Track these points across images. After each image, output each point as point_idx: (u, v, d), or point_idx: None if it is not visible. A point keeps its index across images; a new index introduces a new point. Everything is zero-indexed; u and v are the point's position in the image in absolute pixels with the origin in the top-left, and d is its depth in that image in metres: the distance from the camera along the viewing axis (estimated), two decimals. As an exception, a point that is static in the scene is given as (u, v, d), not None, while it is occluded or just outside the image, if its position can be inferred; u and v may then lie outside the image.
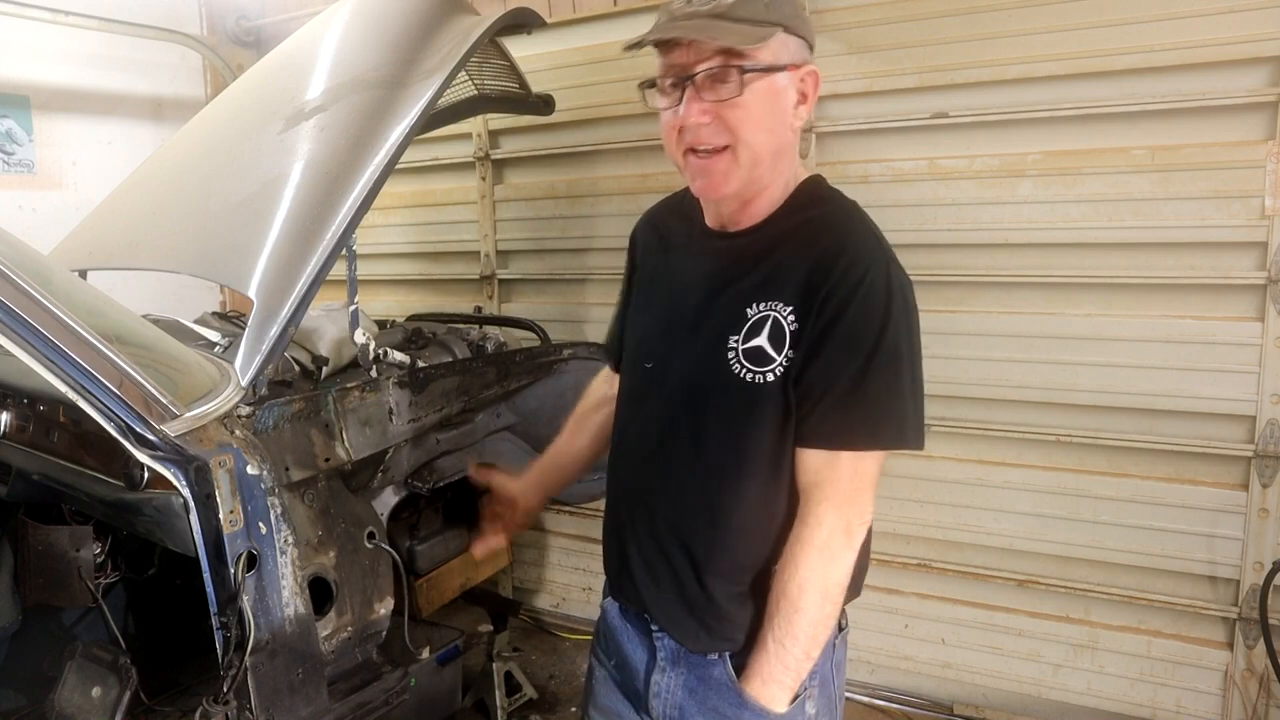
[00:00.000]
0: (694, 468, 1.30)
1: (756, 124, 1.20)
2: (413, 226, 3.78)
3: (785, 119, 1.24)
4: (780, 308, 1.22)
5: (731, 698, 1.31)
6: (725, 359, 1.24)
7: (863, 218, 1.29)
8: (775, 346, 1.22)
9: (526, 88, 3.01)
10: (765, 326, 1.22)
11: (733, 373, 1.24)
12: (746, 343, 1.23)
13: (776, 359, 1.21)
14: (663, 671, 1.38)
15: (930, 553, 2.84)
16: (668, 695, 1.37)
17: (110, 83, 3.70)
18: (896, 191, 2.67)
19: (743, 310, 1.25)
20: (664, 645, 1.38)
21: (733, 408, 1.25)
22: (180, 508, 1.66)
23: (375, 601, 2.04)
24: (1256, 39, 2.23)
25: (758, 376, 1.22)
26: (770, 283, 1.24)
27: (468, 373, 2.40)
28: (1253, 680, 2.46)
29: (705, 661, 1.34)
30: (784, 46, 1.21)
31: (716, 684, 1.33)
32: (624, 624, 1.45)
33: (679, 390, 1.31)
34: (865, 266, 1.19)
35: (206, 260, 2.07)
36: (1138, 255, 2.45)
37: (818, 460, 1.23)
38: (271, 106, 2.27)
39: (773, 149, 1.24)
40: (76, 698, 2.13)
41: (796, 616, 1.23)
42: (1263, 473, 2.37)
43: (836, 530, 1.22)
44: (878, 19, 2.65)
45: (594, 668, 1.54)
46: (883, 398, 1.20)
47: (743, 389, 1.23)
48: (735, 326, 1.25)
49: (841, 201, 1.32)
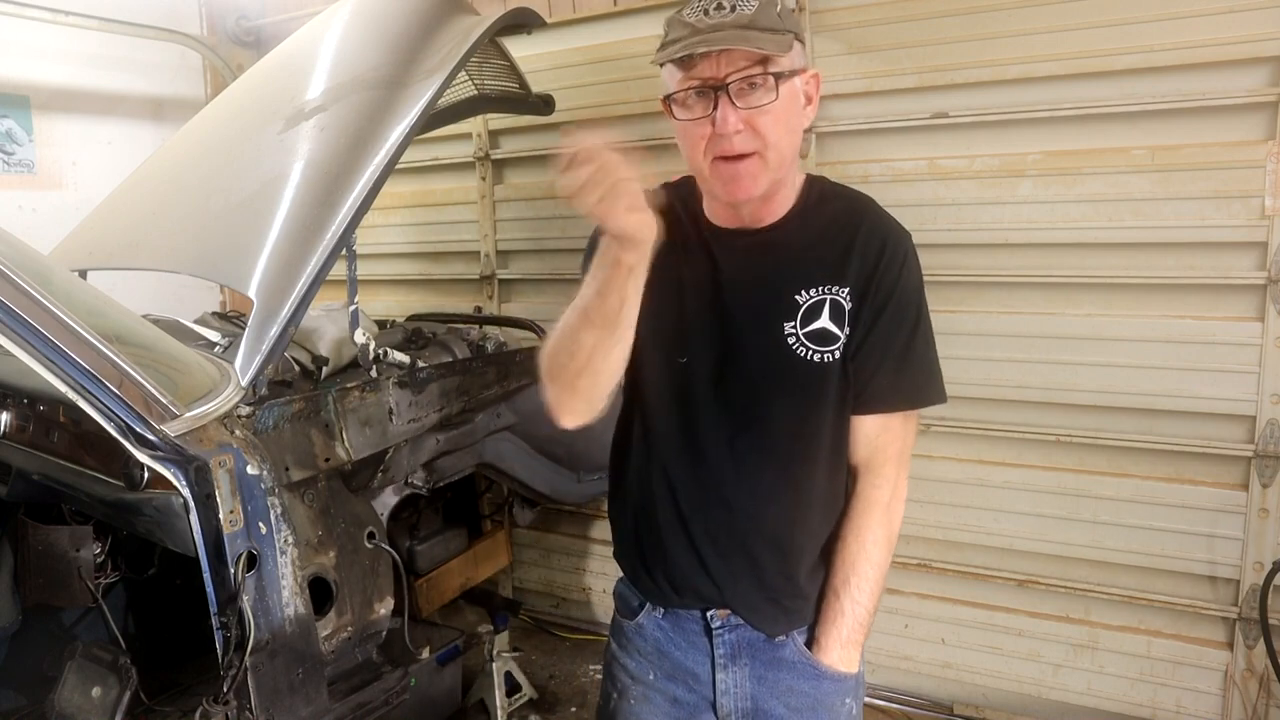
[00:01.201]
0: (769, 454, 1.34)
1: (785, 127, 1.26)
2: (413, 226, 3.78)
3: (802, 121, 1.32)
4: (837, 290, 1.31)
5: (807, 672, 1.37)
6: (787, 345, 1.31)
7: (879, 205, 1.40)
8: (838, 325, 1.31)
9: (526, 88, 3.01)
10: (824, 309, 1.31)
11: (799, 356, 1.31)
12: (806, 326, 1.31)
13: (841, 337, 1.31)
14: (725, 669, 1.39)
15: (930, 553, 2.84)
16: (737, 690, 1.39)
17: (110, 83, 3.70)
18: (896, 191, 2.67)
19: (793, 298, 1.31)
20: (724, 641, 1.39)
21: (800, 390, 1.32)
22: (180, 508, 1.66)
23: (375, 601, 2.04)
24: (1256, 39, 2.22)
25: (825, 356, 1.30)
26: (821, 269, 1.32)
27: (468, 373, 2.40)
28: (1253, 680, 2.46)
29: (772, 645, 1.38)
30: (798, 53, 1.27)
31: (788, 664, 1.37)
32: (673, 633, 1.43)
33: (741, 383, 1.34)
34: (904, 247, 1.34)
35: (206, 260, 2.08)
36: (1138, 255, 2.44)
37: (877, 425, 1.35)
38: (271, 106, 2.27)
39: (794, 149, 1.31)
40: (76, 698, 2.13)
41: (873, 573, 1.35)
42: (1263, 473, 2.37)
43: (897, 486, 1.38)
44: (878, 19, 2.65)
45: (626, 688, 1.49)
46: (926, 360, 1.36)
47: (810, 370, 1.31)
48: (789, 313, 1.31)
49: (858, 193, 1.42)
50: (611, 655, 1.53)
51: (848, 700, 1.42)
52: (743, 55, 1.20)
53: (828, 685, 1.38)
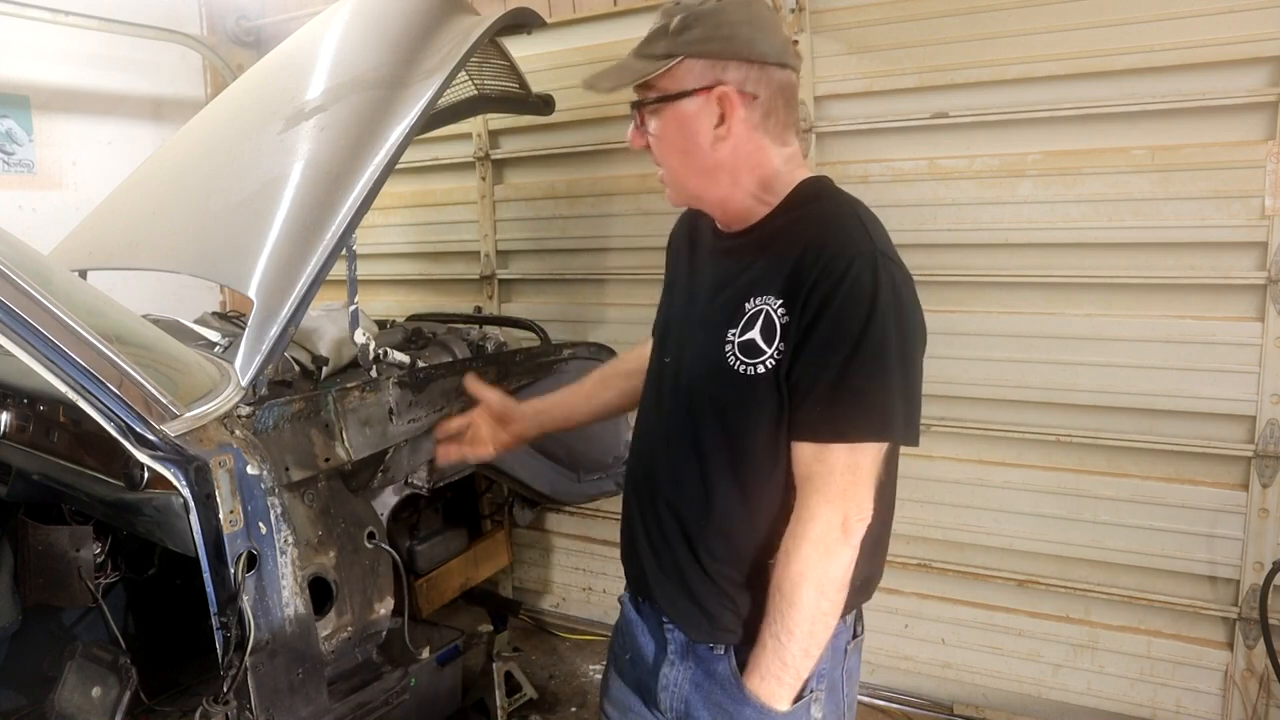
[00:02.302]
0: (691, 456, 1.34)
1: (669, 149, 1.33)
2: (413, 226, 3.78)
3: (701, 140, 1.30)
4: (771, 301, 1.26)
5: (734, 693, 1.33)
6: (723, 351, 1.29)
7: (854, 213, 1.29)
8: (766, 339, 1.25)
9: (526, 88, 3.01)
10: (758, 320, 1.26)
11: (728, 365, 1.28)
12: (742, 335, 1.28)
13: (767, 351, 1.25)
14: (672, 665, 1.41)
15: (930, 553, 2.84)
16: (675, 689, 1.40)
17: (110, 83, 3.70)
18: (896, 191, 2.67)
19: (740, 305, 1.29)
20: (674, 638, 1.40)
21: (728, 399, 1.30)
22: (180, 508, 1.66)
23: (375, 601, 2.04)
24: (1256, 39, 2.22)
25: (749, 368, 1.26)
26: (763, 277, 1.28)
27: (468, 373, 2.40)
28: (1253, 680, 2.46)
29: (711, 655, 1.36)
30: (688, 73, 1.28)
31: (721, 679, 1.35)
32: (638, 617, 1.49)
33: (683, 383, 1.38)
34: (849, 259, 1.20)
35: (206, 260, 2.08)
36: (1138, 255, 2.45)
37: (809, 453, 1.24)
38: (271, 106, 2.27)
39: (696, 170, 1.33)
40: (76, 698, 2.13)
41: (792, 611, 1.23)
42: (1263, 473, 2.37)
43: (832, 525, 1.22)
44: (878, 19, 2.65)
45: (610, 661, 1.59)
46: (867, 391, 1.20)
47: (736, 381, 1.27)
48: (734, 320, 1.29)
49: (835, 198, 1.33)
50: (613, 631, 1.61)
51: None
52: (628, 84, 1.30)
53: (749, 712, 1.29)
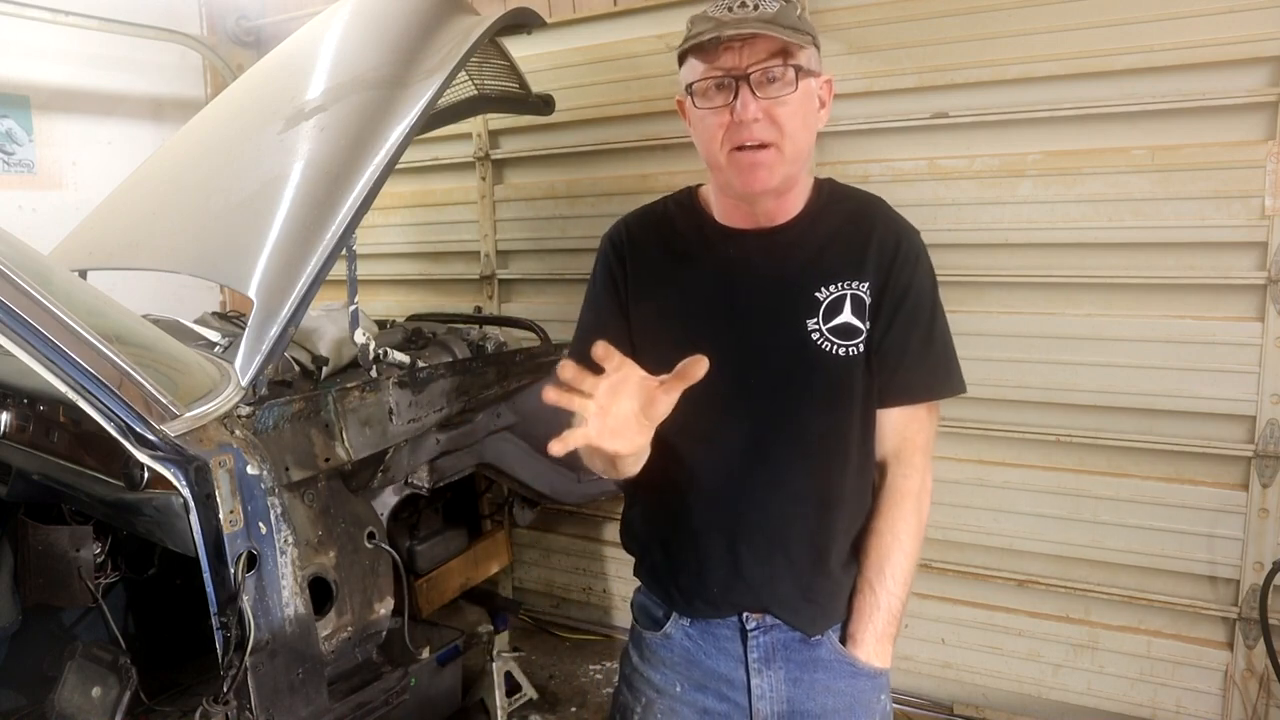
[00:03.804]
0: (800, 453, 1.35)
1: (801, 121, 1.28)
2: (413, 226, 3.78)
3: (815, 120, 1.34)
4: (858, 284, 1.33)
5: (844, 670, 1.38)
6: (812, 341, 1.32)
7: (884, 201, 1.44)
8: (860, 319, 1.33)
9: (526, 88, 3.01)
10: (846, 304, 1.33)
11: (824, 351, 1.32)
12: (829, 321, 1.33)
13: (864, 331, 1.33)
14: (760, 673, 1.38)
15: (930, 553, 2.83)
16: (773, 693, 1.38)
17: (110, 83, 3.70)
18: (896, 191, 2.67)
19: (812, 295, 1.33)
20: (759, 644, 1.38)
21: (827, 386, 1.34)
22: (180, 508, 1.66)
23: (375, 601, 2.04)
24: (1256, 39, 2.23)
25: (849, 350, 1.33)
26: (840, 265, 1.34)
27: (468, 373, 2.40)
28: (1253, 680, 2.46)
29: (807, 645, 1.37)
30: (815, 56, 1.31)
31: (824, 664, 1.37)
32: (702, 641, 1.42)
33: (767, 384, 1.34)
34: (917, 242, 1.39)
35: (206, 260, 2.07)
36: (1138, 255, 2.45)
37: (904, 417, 1.38)
38: (271, 106, 2.27)
39: (808, 145, 1.33)
40: (76, 698, 2.13)
41: (906, 563, 1.37)
42: (1263, 473, 2.37)
43: (927, 478, 1.40)
44: (878, 19, 2.65)
45: (651, 702, 1.46)
46: (945, 350, 1.39)
47: (835, 365, 1.32)
48: (810, 310, 1.33)
49: (868, 193, 1.45)
50: (633, 668, 1.50)
51: (882, 697, 1.42)
52: (765, 47, 1.23)
53: (864, 682, 1.38)
